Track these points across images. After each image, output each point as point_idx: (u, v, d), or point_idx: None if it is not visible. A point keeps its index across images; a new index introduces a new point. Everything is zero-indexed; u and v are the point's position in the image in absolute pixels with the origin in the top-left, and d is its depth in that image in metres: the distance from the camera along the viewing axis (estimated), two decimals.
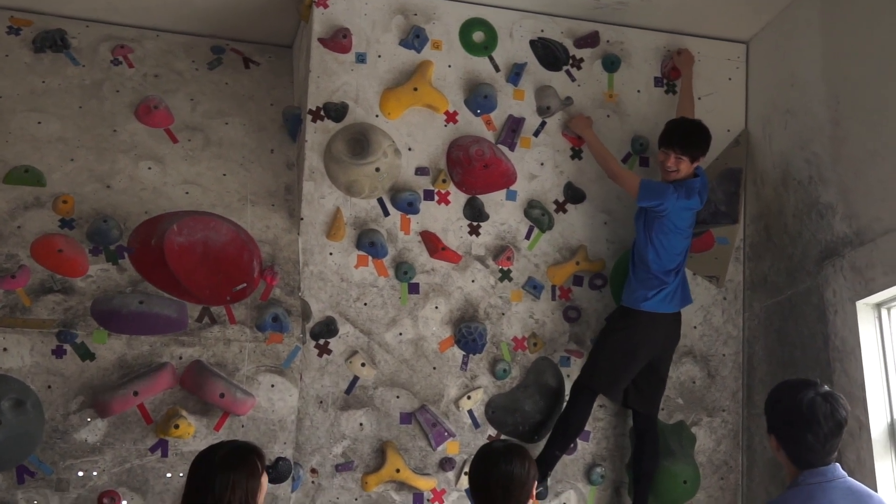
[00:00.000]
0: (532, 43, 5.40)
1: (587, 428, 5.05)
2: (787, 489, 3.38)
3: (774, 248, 5.25)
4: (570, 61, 5.44)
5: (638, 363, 4.93)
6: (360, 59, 5.16)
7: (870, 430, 4.38)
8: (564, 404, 5.05)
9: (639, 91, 5.51)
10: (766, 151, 5.39)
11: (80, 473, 4.47)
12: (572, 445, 5.06)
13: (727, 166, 5.48)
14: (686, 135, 4.99)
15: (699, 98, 5.50)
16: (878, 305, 4.54)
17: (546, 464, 4.83)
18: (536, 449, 4.95)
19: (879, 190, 4.48)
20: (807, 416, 3.30)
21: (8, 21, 5.33)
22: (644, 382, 4.99)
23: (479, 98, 5.24)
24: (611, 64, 5.47)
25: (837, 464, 3.36)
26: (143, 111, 5.25)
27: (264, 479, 3.55)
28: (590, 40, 5.47)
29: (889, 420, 4.43)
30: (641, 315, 4.90)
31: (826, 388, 3.40)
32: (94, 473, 4.49)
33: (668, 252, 4.89)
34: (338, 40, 5.12)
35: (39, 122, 5.12)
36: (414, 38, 5.21)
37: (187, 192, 5.11)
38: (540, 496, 4.89)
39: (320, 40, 5.12)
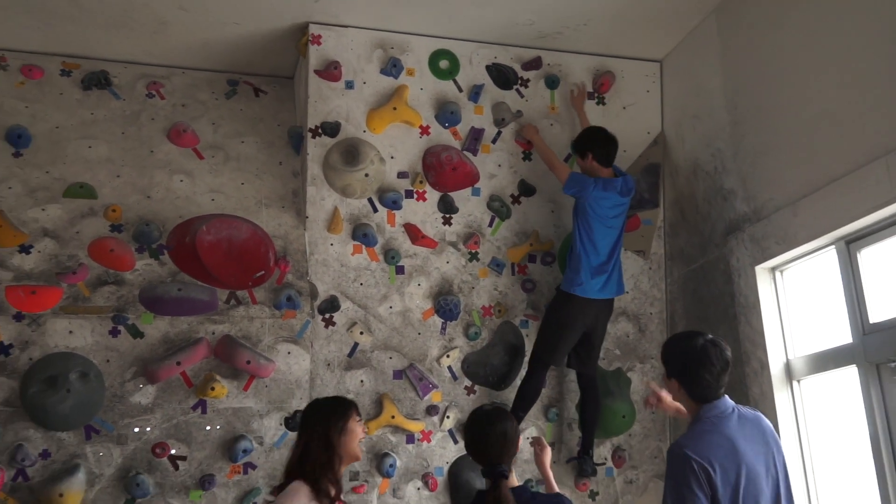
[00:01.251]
0: (488, 68, 5.39)
1: None
2: (694, 423, 3.36)
3: (688, 226, 5.24)
4: (519, 81, 5.42)
5: (574, 336, 4.85)
6: (349, 85, 5.13)
7: (769, 369, 4.42)
8: (525, 358, 5.00)
9: None
10: (679, 149, 5.37)
11: (136, 429, 4.51)
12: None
13: (648, 162, 5.48)
14: (575, 141, 5.08)
15: (624, 108, 5.49)
16: (773, 269, 4.57)
17: None
18: (503, 395, 4.97)
19: (771, 176, 4.51)
20: (701, 358, 3.31)
21: (60, 65, 5.30)
22: (582, 349, 4.93)
23: (446, 114, 5.23)
24: (552, 82, 5.46)
25: (726, 395, 3.38)
26: (174, 134, 5.24)
27: (352, 423, 3.47)
28: (534, 64, 5.47)
29: (784, 360, 4.46)
30: (575, 298, 4.80)
31: (710, 335, 3.38)
32: (148, 429, 4.52)
33: (591, 239, 4.80)
34: (330, 71, 5.10)
35: (90, 147, 5.10)
36: (392, 67, 5.20)
37: (213, 199, 5.11)
38: None
39: (316, 72, 5.09)
